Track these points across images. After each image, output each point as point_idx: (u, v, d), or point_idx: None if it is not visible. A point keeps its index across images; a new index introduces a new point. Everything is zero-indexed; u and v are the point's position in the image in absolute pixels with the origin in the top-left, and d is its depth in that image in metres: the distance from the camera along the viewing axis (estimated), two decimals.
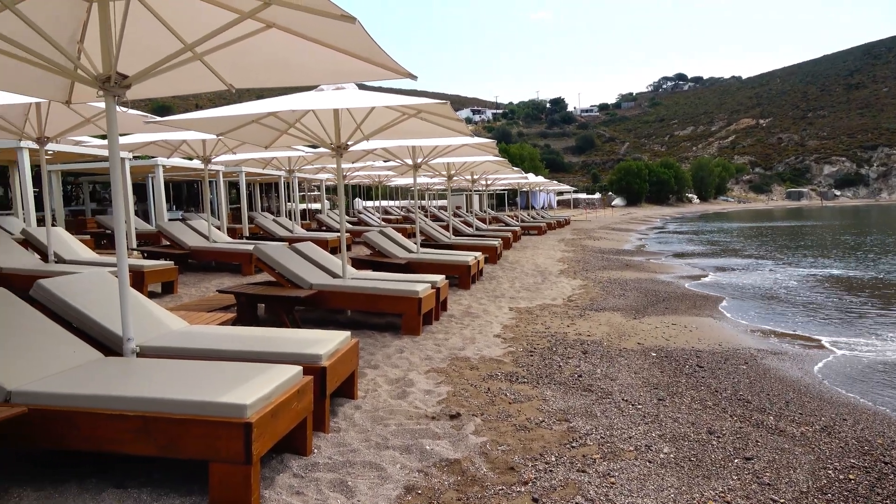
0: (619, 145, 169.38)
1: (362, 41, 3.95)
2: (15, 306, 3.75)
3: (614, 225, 38.29)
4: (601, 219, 46.71)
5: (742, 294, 10.98)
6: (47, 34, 3.44)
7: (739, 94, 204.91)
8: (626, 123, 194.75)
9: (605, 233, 29.33)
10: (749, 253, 20.22)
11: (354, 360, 4.39)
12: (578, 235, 25.91)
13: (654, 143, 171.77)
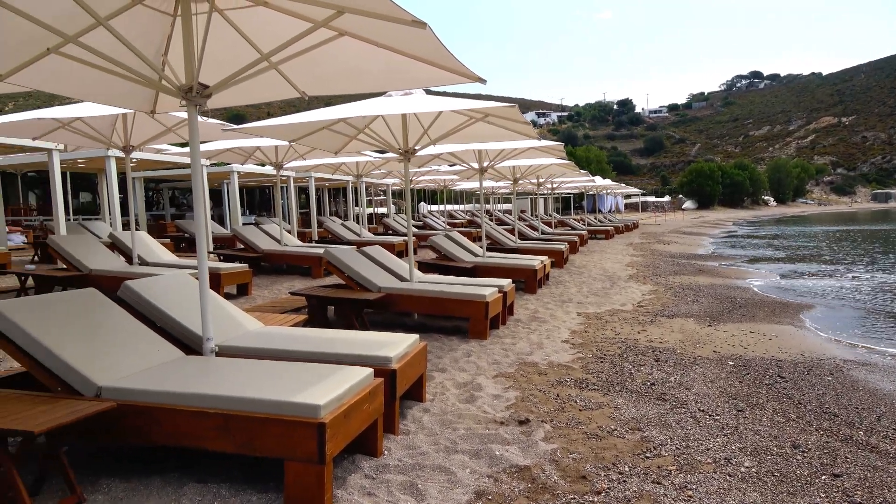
0: (690, 146, 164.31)
1: (432, 46, 3.97)
2: (104, 306, 3.96)
3: (685, 228, 37.14)
4: (671, 222, 45.41)
5: (825, 301, 10.42)
6: (136, 49, 3.62)
7: (820, 91, 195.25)
8: (698, 124, 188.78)
9: (675, 237, 28.48)
10: (831, 258, 19.20)
11: (423, 364, 4.41)
12: (647, 239, 25.27)
13: (727, 144, 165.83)
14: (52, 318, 3.51)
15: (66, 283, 8.44)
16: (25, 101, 79.81)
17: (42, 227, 18.20)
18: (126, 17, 4.06)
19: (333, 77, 5.03)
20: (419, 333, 5.74)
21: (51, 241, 8.63)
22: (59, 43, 4.04)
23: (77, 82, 4.74)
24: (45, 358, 3.29)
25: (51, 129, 8.46)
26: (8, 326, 3.34)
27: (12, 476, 2.75)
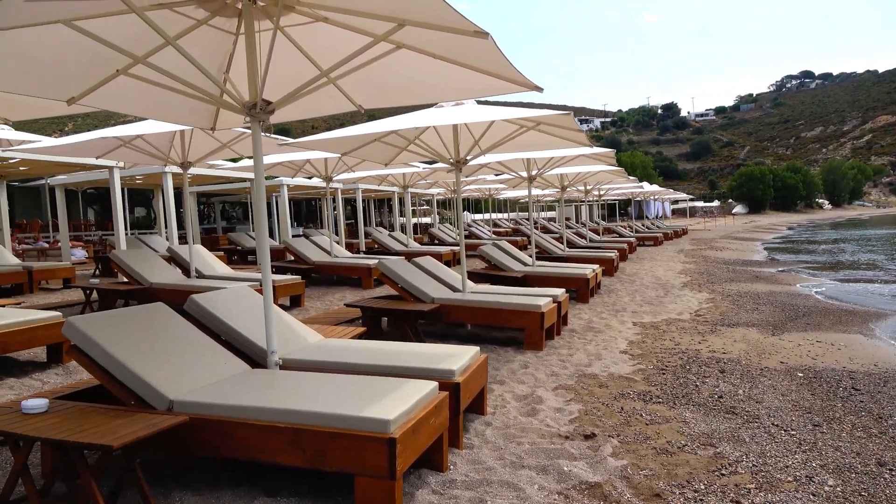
0: (739, 149, 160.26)
1: (492, 56, 3.94)
2: (172, 320, 4.04)
3: (737, 234, 36.14)
4: (721, 228, 44.28)
5: (895, 309, 9.95)
6: (203, 67, 3.70)
7: (875, 89, 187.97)
8: (746, 126, 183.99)
9: (727, 242, 27.74)
10: None
11: (484, 376, 4.36)
12: (698, 245, 24.67)
13: (777, 146, 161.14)
14: (124, 333, 3.60)
15: (128, 297, 8.69)
16: (84, 120, 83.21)
17: (101, 242, 18.87)
18: (190, 37, 4.16)
19: (389, 89, 5.05)
20: (473, 345, 5.70)
21: (113, 256, 8.91)
22: (128, 64, 4.16)
23: (140, 101, 4.87)
24: (119, 372, 3.37)
25: (113, 147, 8.76)
26: (84, 341, 3.43)
27: (91, 488, 2.81)
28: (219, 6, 3.96)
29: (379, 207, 37.80)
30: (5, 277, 10.45)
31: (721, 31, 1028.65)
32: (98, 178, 13.74)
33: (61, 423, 2.98)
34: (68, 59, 4.03)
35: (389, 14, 3.65)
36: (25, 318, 5.61)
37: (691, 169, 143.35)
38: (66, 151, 8.98)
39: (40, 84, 4.20)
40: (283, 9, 3.85)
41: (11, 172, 12.84)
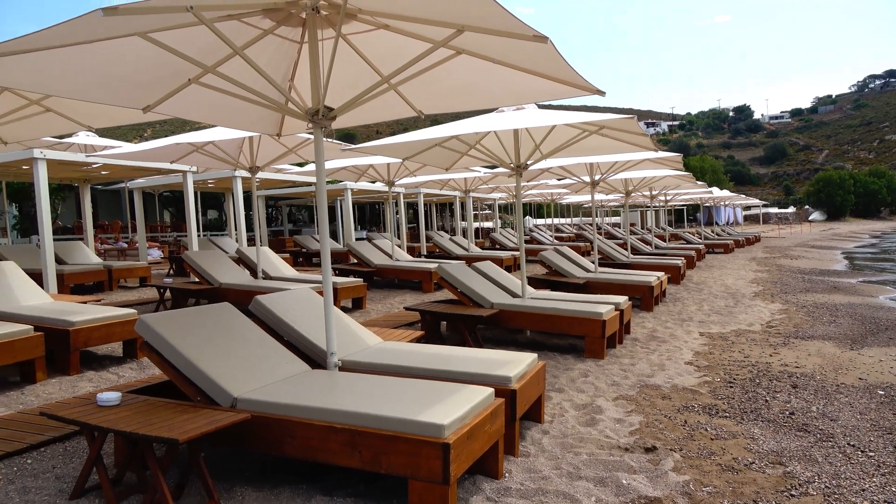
0: (817, 153, 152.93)
1: (552, 60, 3.90)
2: (237, 320, 4.17)
3: (814, 242, 34.47)
4: (797, 235, 42.34)
5: None
6: (268, 75, 3.81)
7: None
8: (825, 129, 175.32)
9: (803, 251, 26.49)
10: None
11: (542, 384, 4.31)
12: (772, 253, 23.66)
13: (859, 150, 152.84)
14: (192, 331, 3.74)
15: (198, 296, 9.04)
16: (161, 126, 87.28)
17: (176, 243, 19.72)
18: (257, 46, 4.30)
19: (448, 95, 5.07)
20: (532, 351, 5.64)
21: (186, 257, 9.29)
22: (198, 73, 4.34)
23: (211, 109, 5.06)
24: (186, 369, 3.50)
25: (187, 152, 9.15)
26: (155, 338, 3.58)
27: (159, 480, 2.92)
28: (284, 16, 4.07)
29: (440, 211, 38.01)
30: (88, 275, 11.06)
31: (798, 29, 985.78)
32: (173, 181, 14.36)
33: (132, 416, 3.12)
34: (144, 69, 4.23)
35: (449, 20, 3.67)
36: (104, 315, 5.92)
37: (765, 174, 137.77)
38: (144, 157, 9.43)
39: (118, 94, 4.43)
40: (345, 17, 3.92)
41: (95, 176, 13.59)
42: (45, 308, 6.22)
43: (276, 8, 3.86)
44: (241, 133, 7.96)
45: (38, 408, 4.66)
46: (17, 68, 3.81)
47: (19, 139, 7.17)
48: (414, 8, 3.63)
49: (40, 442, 3.94)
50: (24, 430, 4.12)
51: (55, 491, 3.30)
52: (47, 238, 9.45)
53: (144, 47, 3.92)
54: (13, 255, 10.76)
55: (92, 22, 3.01)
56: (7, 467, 3.62)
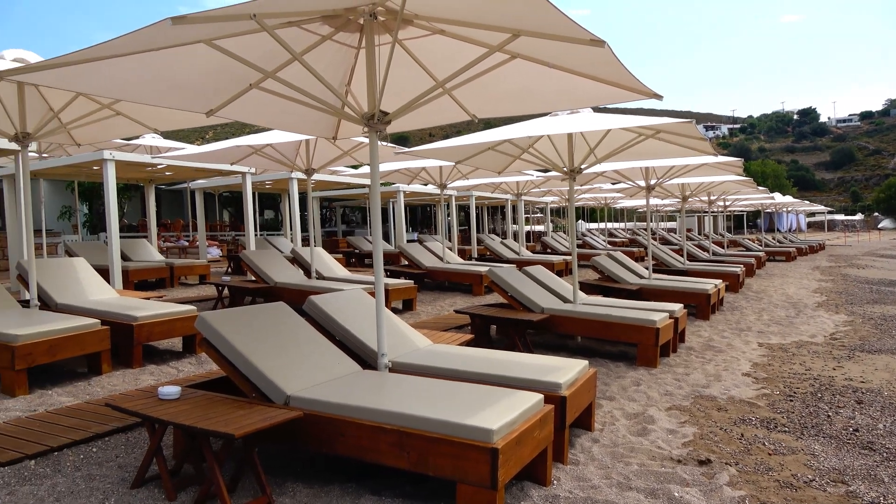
0: (888, 158, 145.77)
1: (609, 64, 3.85)
2: (292, 318, 4.27)
3: (883, 251, 32.86)
4: (865, 244, 40.46)
5: None
6: (326, 80, 3.89)
7: None
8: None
9: (871, 260, 25.29)
10: None
11: (592, 391, 4.25)
12: (837, 262, 22.69)
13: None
14: (248, 329, 3.84)
15: (255, 294, 9.28)
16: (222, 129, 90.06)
17: (234, 242, 20.30)
18: (315, 52, 4.39)
19: (502, 99, 5.07)
20: (583, 358, 5.57)
21: (243, 256, 9.55)
22: (259, 78, 4.47)
23: (270, 113, 5.20)
24: (242, 365, 3.60)
25: (246, 154, 9.41)
26: (214, 335, 3.70)
27: (215, 473, 3.02)
28: (342, 22, 4.15)
29: (492, 214, 37.94)
30: (152, 272, 11.50)
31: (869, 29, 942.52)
32: (232, 182, 14.79)
33: (191, 410, 3.23)
34: (208, 75, 4.39)
35: (505, 25, 3.67)
36: (165, 311, 6.15)
37: (831, 179, 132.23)
38: (206, 158, 9.75)
39: (184, 98, 4.60)
40: (401, 22, 3.96)
41: (159, 177, 14.12)
42: (111, 303, 6.51)
43: (335, 15, 3.94)
44: (298, 136, 8.14)
45: (103, 398, 4.88)
46: (91, 75, 4.00)
47: (91, 141, 7.53)
48: (470, 13, 3.65)
49: (105, 431, 4.12)
50: (89, 420, 4.32)
51: (118, 479, 3.45)
52: (114, 235, 9.88)
53: (208, 54, 4.06)
54: (83, 251, 11.29)
55: (161, 30, 3.14)
56: (74, 454, 3.80)
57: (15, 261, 10.49)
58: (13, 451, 3.74)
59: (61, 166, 11.01)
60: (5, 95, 6.12)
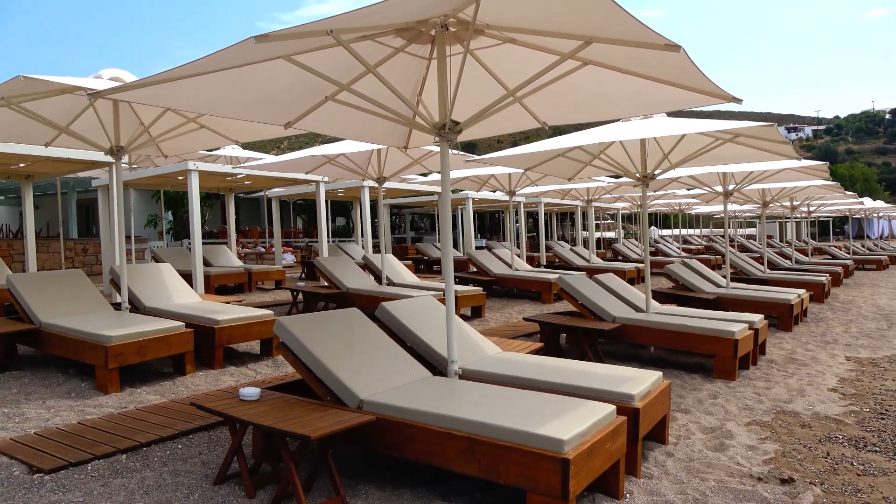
0: None
1: (684, 69, 3.77)
2: (365, 324, 4.37)
3: None
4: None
5: None
6: (398, 91, 3.97)
7: None
8: None
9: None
10: None
11: (666, 403, 4.15)
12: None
13: None
14: (324, 334, 3.96)
15: (327, 299, 9.53)
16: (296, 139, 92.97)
17: (307, 248, 20.90)
18: (388, 64, 4.50)
19: (574, 106, 5.03)
20: (656, 368, 5.43)
21: (317, 262, 9.83)
22: (334, 91, 4.61)
23: (343, 124, 5.35)
24: (317, 369, 3.72)
25: (320, 164, 9.70)
26: (291, 339, 3.83)
27: (291, 472, 3.13)
28: (414, 34, 4.23)
29: (561, 221, 37.51)
30: (231, 277, 12.00)
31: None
32: (306, 191, 15.25)
33: (269, 411, 3.36)
34: (286, 89, 4.57)
35: (577, 32, 3.65)
36: (244, 315, 6.40)
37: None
38: (283, 168, 10.11)
39: (264, 111, 4.80)
40: (473, 32, 4.01)
41: (238, 186, 14.73)
42: (194, 306, 6.84)
43: (408, 27, 4.03)
44: (370, 145, 8.33)
45: (187, 398, 5.13)
46: (179, 91, 4.24)
47: (177, 153, 7.95)
48: (542, 21, 3.65)
49: (189, 429, 4.33)
50: (175, 418, 4.55)
51: (201, 475, 3.62)
52: (197, 242, 10.37)
53: (287, 69, 4.23)
54: (168, 257, 11.90)
55: (245, 48, 3.30)
56: (162, 450, 4.01)
57: (107, 266, 11.18)
58: (107, 446, 3.98)
59: (150, 177, 11.65)
60: (102, 112, 6.55)
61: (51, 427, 4.41)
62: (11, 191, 26.70)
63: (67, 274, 6.76)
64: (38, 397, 5.16)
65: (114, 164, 8.76)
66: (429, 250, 19.36)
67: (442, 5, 3.52)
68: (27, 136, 6.71)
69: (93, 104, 6.43)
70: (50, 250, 15.82)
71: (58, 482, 3.50)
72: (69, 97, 6.07)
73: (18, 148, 8.41)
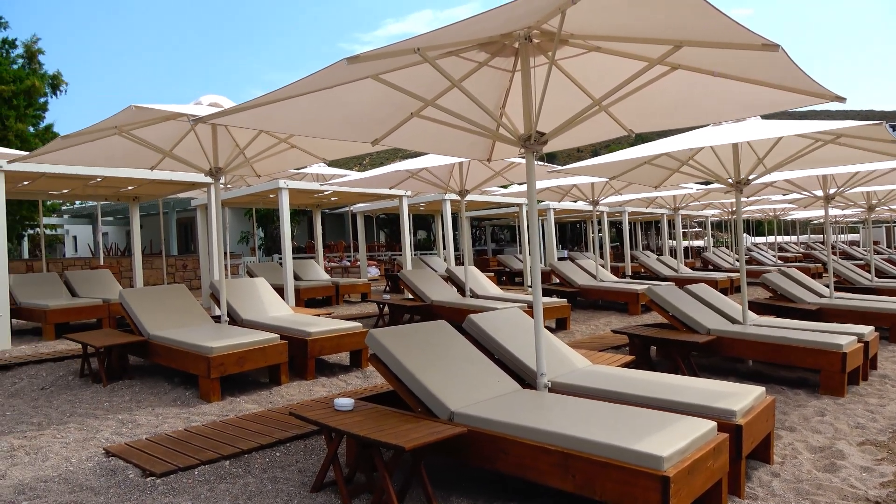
0: None
1: (782, 68, 3.60)
2: (452, 336, 4.40)
3: None
4: None
5: None
6: (483, 104, 4.01)
7: None
8: None
9: None
10: None
11: (770, 420, 3.94)
12: None
13: None
14: (414, 346, 4.02)
15: (412, 312, 9.66)
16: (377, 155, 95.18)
17: (391, 261, 21.30)
18: (472, 78, 4.54)
19: (662, 112, 4.90)
20: (755, 383, 5.17)
21: (402, 275, 10.00)
22: (420, 107, 4.70)
23: (427, 138, 5.44)
24: (409, 381, 3.77)
25: (403, 178, 9.89)
26: (382, 351, 3.91)
27: (386, 482, 3.18)
28: (498, 48, 4.25)
29: (645, 230, 36.47)
30: (320, 290, 12.39)
31: None
32: (389, 205, 15.57)
33: (363, 421, 3.44)
34: (372, 106, 4.70)
35: (666, 36, 3.57)
36: (335, 327, 6.59)
37: None
38: (368, 184, 10.37)
39: (352, 129, 4.96)
40: (558, 43, 3.99)
41: (325, 202, 15.23)
42: (288, 319, 7.10)
43: (491, 41, 4.06)
44: (451, 159, 8.42)
45: (283, 407, 5.32)
46: (273, 114, 4.45)
47: (268, 172, 8.32)
48: (628, 28, 3.60)
49: (286, 438, 4.49)
50: (273, 426, 4.73)
51: (299, 483, 3.74)
52: (289, 257, 10.78)
53: (373, 87, 4.35)
54: (261, 271, 12.43)
55: (337, 70, 3.43)
56: (262, 457, 4.18)
57: (205, 280, 11.80)
58: (212, 452, 4.19)
59: (243, 195, 12.24)
60: (202, 136, 6.96)
61: (160, 433, 4.69)
62: (119, 212, 28.75)
63: (171, 289, 7.19)
64: (147, 405, 5.49)
65: (212, 184, 9.26)
66: (510, 262, 19.29)
67: (527, 18, 3.53)
68: (134, 160, 7.21)
69: (194, 129, 6.83)
70: (153, 266, 16.90)
71: (168, 486, 3.72)
72: (171, 123, 6.49)
73: (127, 172, 9.05)
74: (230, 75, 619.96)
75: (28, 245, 23.76)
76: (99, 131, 5.89)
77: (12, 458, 4.22)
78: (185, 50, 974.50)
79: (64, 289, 9.97)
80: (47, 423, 5.02)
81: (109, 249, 24.26)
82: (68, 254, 31.90)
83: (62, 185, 10.08)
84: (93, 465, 4.06)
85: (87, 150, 6.58)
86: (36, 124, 19.00)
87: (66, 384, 6.26)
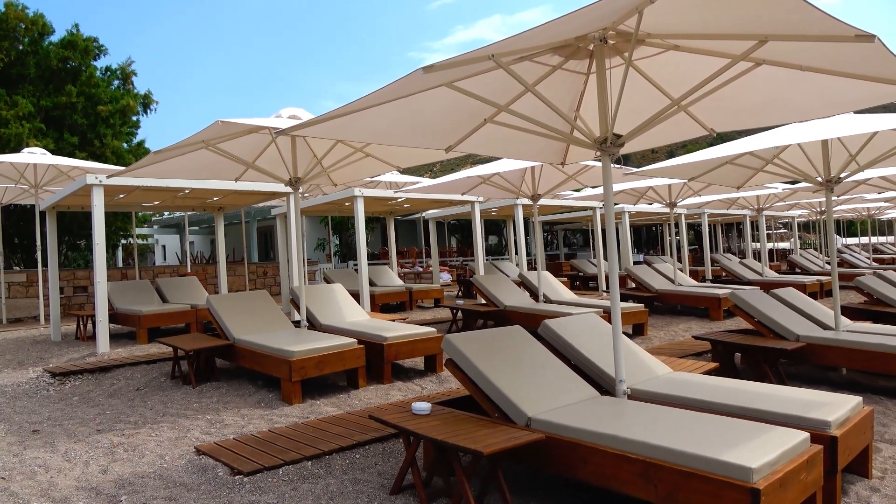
0: None
1: (878, 59, 3.40)
2: (528, 342, 4.38)
3: None
4: None
5: None
6: (557, 108, 3.98)
7: None
8: None
9: None
10: None
11: (868, 433, 3.71)
12: None
13: None
14: (490, 352, 4.03)
15: (486, 317, 9.67)
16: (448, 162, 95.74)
17: (462, 267, 21.38)
18: (545, 81, 4.52)
19: (745, 110, 4.72)
20: (850, 393, 4.87)
21: (475, 281, 10.02)
22: (493, 112, 4.71)
23: (499, 143, 5.44)
24: (486, 386, 3.78)
25: (475, 184, 9.92)
26: (459, 357, 3.94)
27: (464, 487, 3.20)
28: (572, 51, 4.21)
29: (726, 232, 35.05)
30: (393, 296, 12.59)
31: None
32: (461, 211, 15.64)
33: (441, 425, 3.47)
34: (445, 114, 4.75)
35: (749, 31, 3.44)
36: (410, 332, 6.68)
37: None
38: (440, 190, 10.47)
39: (426, 137, 5.03)
40: (635, 43, 3.92)
41: (398, 209, 15.47)
42: (364, 324, 7.25)
43: (565, 44, 4.03)
44: (524, 163, 8.39)
45: (362, 410, 5.43)
46: (349, 125, 4.57)
47: (344, 181, 8.53)
48: (709, 24, 3.49)
49: (365, 440, 4.58)
50: (352, 429, 4.84)
51: (378, 485, 3.81)
52: (364, 263, 11.00)
53: (446, 95, 4.39)
54: (337, 277, 12.75)
55: (413, 79, 3.49)
56: (342, 459, 4.28)
57: (285, 287, 12.20)
58: (294, 452, 4.33)
59: (320, 204, 12.59)
60: (282, 147, 7.22)
61: (246, 433, 4.88)
62: (204, 222, 30.21)
63: (254, 295, 7.48)
64: (233, 406, 5.74)
65: (291, 193, 9.58)
66: (584, 266, 18.98)
67: (603, 20, 3.49)
68: (219, 172, 7.56)
69: (274, 141, 7.10)
70: (236, 273, 17.62)
71: (255, 484, 3.86)
72: (253, 136, 6.76)
73: (213, 184, 9.50)
74: (303, 88, 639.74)
75: (122, 254, 25.28)
76: (188, 146, 6.22)
77: (112, 455, 4.50)
78: (260, 65, 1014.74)
79: (155, 295, 10.55)
80: (143, 421, 5.32)
81: (195, 257, 25.49)
82: (158, 262, 33.76)
83: (153, 197, 10.68)
84: (185, 463, 4.28)
85: (176, 163, 6.95)
86: (129, 141, 20.23)
87: (158, 385, 6.62)
